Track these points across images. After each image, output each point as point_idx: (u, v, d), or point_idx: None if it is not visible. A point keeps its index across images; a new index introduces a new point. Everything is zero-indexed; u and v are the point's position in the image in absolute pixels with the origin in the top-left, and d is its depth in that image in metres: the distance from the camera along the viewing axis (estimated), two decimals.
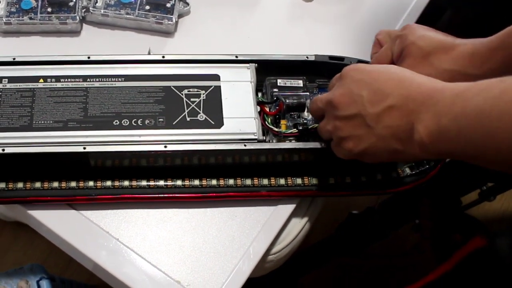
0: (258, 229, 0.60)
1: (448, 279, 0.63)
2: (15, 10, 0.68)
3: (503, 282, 0.59)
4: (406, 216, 0.87)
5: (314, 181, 0.61)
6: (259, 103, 0.62)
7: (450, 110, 0.43)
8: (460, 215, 0.84)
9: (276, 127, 0.61)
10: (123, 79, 0.60)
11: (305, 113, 0.62)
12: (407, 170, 0.62)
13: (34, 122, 0.57)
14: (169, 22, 0.70)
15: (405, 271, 1.18)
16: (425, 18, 0.74)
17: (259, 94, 0.64)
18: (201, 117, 0.59)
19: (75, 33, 0.70)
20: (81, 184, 0.58)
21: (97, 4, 0.69)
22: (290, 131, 0.60)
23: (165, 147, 0.57)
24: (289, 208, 0.61)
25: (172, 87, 0.60)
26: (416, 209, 0.84)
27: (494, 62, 0.53)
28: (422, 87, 0.47)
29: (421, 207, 0.83)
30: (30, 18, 0.68)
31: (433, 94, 0.45)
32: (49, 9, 0.68)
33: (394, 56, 0.58)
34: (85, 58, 0.61)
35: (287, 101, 0.61)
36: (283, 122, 0.62)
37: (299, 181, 0.61)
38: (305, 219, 0.64)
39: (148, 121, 0.58)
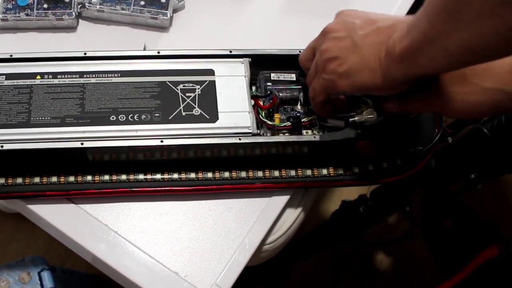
0: (253, 220, 0.61)
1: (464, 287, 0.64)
2: (11, 7, 0.69)
3: None
4: (397, 204, 0.89)
5: (307, 172, 0.62)
6: (253, 97, 0.63)
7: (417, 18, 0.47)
8: (451, 202, 0.85)
9: (270, 121, 0.62)
10: (119, 74, 0.61)
11: (298, 107, 0.63)
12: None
13: (32, 118, 0.58)
14: (164, 17, 0.71)
15: (397, 257, 1.20)
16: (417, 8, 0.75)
17: (253, 88, 0.65)
18: (196, 111, 0.60)
19: (71, 28, 0.71)
20: (80, 178, 0.59)
21: (92, 0, 0.70)
22: (284, 124, 0.62)
23: (161, 141, 0.58)
24: (283, 199, 0.63)
25: (167, 82, 0.61)
26: (407, 197, 0.85)
27: None
28: (405, 18, 0.51)
29: (411, 196, 0.85)
30: (27, 15, 0.69)
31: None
32: (45, 5, 0.69)
33: None
34: (81, 54, 0.62)
35: (281, 94, 0.62)
36: (276, 115, 0.63)
37: (292, 172, 0.62)
38: (299, 209, 0.66)
39: (144, 116, 0.59)
